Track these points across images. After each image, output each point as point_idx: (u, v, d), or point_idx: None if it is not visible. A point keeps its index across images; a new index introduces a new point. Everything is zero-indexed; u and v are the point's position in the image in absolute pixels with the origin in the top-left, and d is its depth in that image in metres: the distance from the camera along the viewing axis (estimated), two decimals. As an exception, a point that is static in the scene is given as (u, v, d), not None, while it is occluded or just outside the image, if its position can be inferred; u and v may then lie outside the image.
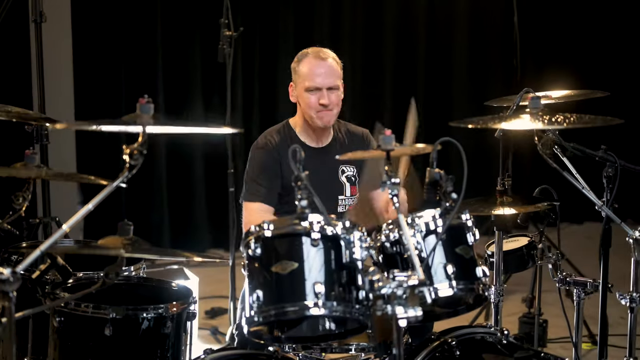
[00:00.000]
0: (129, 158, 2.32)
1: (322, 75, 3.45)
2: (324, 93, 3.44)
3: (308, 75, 3.46)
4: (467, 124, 2.66)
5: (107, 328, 2.72)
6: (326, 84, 3.45)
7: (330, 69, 3.48)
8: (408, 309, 2.19)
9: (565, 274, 3.37)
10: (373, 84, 7.43)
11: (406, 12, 7.45)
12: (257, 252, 2.46)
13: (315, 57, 3.50)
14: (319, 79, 3.45)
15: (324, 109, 3.45)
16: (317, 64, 3.47)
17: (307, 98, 3.46)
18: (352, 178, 3.57)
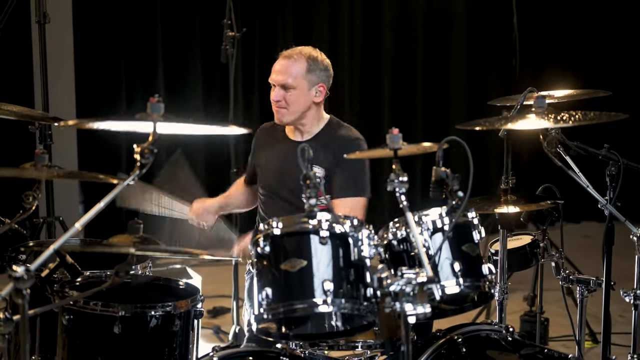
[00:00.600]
0: (139, 157, 2.34)
1: (276, 72, 3.51)
2: (274, 89, 3.50)
3: (272, 71, 3.54)
4: (474, 126, 2.68)
5: (116, 326, 2.74)
6: (277, 81, 3.49)
7: (286, 67, 3.49)
8: (417, 306, 2.22)
9: (568, 272, 3.40)
10: (371, 83, 7.44)
11: (405, 12, 7.47)
12: (266, 250, 2.48)
13: (282, 55, 3.55)
14: (273, 75, 3.52)
15: (276, 105, 3.50)
16: (278, 62, 3.53)
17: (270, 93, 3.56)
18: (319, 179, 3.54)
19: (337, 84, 7.13)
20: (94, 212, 2.36)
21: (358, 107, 7.38)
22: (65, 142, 6.10)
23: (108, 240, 2.57)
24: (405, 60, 7.53)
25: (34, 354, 3.16)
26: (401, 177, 2.40)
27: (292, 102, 3.50)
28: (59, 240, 2.28)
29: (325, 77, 3.58)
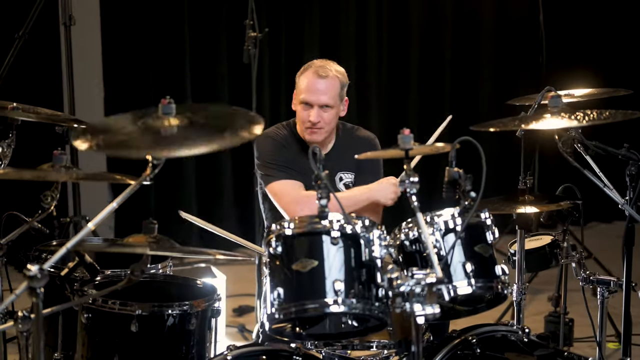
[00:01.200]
0: (151, 157, 2.36)
1: (317, 93, 3.44)
2: (314, 110, 3.44)
3: (304, 90, 3.47)
4: (488, 128, 2.68)
5: (134, 324, 2.79)
6: (319, 102, 3.45)
7: (326, 88, 3.46)
8: (426, 306, 2.23)
9: (589, 272, 3.38)
10: (399, 82, 7.43)
11: (432, 10, 7.44)
12: (278, 250, 2.49)
13: (314, 73, 3.48)
14: (313, 95, 3.44)
15: (312, 126, 3.46)
16: (315, 81, 3.46)
17: (299, 111, 3.49)
18: (349, 184, 3.57)
19: (364, 83, 7.17)
20: (106, 212, 2.40)
21: (385, 107, 7.37)
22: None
23: (124, 240, 2.61)
24: (433, 59, 7.51)
25: (57, 351, 3.22)
26: (412, 177, 2.41)
27: (329, 121, 3.50)
28: (73, 240, 2.32)
29: (346, 90, 3.60)
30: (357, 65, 7.20)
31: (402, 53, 7.41)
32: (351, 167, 3.55)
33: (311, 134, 3.48)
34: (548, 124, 2.65)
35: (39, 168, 2.70)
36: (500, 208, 3.04)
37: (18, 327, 2.28)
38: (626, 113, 2.57)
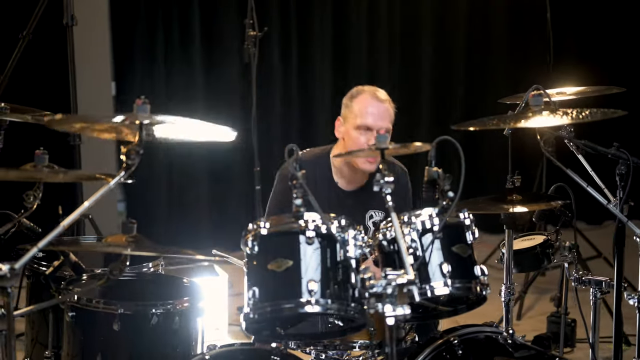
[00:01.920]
0: (125, 158, 2.37)
1: (377, 116, 3.32)
2: (374, 134, 3.22)
3: (362, 113, 3.32)
4: (468, 127, 2.66)
5: (116, 323, 2.80)
6: (379, 126, 3.30)
7: (385, 112, 3.35)
8: (397, 307, 2.21)
9: (581, 272, 3.33)
10: (411, 83, 7.39)
11: (444, 10, 7.40)
12: (255, 250, 2.50)
13: (372, 96, 3.37)
14: (373, 119, 3.31)
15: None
16: (373, 104, 3.34)
17: (355, 136, 3.32)
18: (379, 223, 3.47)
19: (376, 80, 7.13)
20: (79, 212, 2.41)
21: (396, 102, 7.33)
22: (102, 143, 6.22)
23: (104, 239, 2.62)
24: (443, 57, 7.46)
25: (47, 349, 3.24)
26: (387, 177, 2.39)
27: None
28: (45, 239, 2.34)
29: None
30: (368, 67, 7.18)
31: (413, 55, 7.36)
32: (381, 206, 3.31)
33: (371, 162, 3.29)
34: (529, 123, 2.62)
35: (21, 168, 2.71)
36: (486, 208, 3.01)
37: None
38: (606, 111, 2.53)
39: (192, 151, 6.59)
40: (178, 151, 6.56)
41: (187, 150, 6.57)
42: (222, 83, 6.67)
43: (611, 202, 3.09)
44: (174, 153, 6.58)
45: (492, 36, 7.53)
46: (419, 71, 7.39)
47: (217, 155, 6.50)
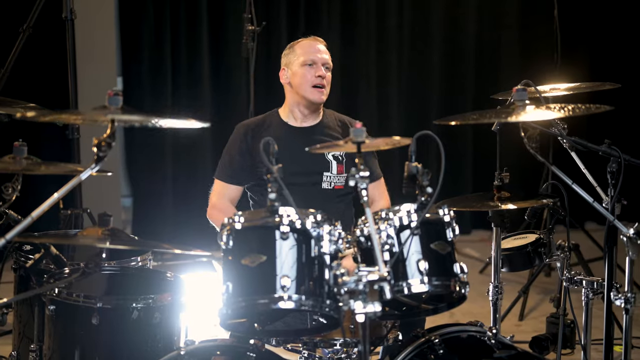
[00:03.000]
0: (96, 149, 2.35)
1: (320, 52, 3.62)
2: (319, 67, 3.58)
3: (305, 52, 3.61)
4: (449, 122, 2.61)
5: (95, 317, 2.78)
6: (323, 60, 3.60)
7: (325, 50, 3.66)
8: (367, 304, 2.17)
9: (573, 272, 3.27)
10: (420, 77, 7.33)
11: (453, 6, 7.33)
12: (230, 245, 2.47)
13: (311, 39, 3.69)
14: (317, 54, 3.60)
15: (319, 83, 3.56)
16: (313, 43, 3.66)
17: (303, 73, 3.58)
18: (339, 157, 3.63)
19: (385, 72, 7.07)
20: (48, 204, 2.39)
21: (405, 97, 7.28)
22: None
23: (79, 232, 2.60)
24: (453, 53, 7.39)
25: (32, 342, 3.23)
26: (362, 172, 2.35)
27: (329, 83, 3.65)
28: (13, 231, 2.32)
29: None
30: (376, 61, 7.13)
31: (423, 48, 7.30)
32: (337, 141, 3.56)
33: (317, 92, 3.58)
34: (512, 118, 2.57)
35: (1, 160, 2.70)
36: (472, 205, 2.95)
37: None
38: (590, 107, 2.48)
39: (199, 146, 6.58)
40: (184, 146, 6.55)
41: (194, 145, 6.56)
42: (229, 77, 6.65)
43: (603, 201, 3.04)
44: (180, 148, 6.57)
45: (500, 33, 7.46)
46: (428, 67, 7.33)
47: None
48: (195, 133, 6.30)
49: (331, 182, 3.59)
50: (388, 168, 6.67)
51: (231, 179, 3.66)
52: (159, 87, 6.46)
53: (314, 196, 3.51)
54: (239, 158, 3.63)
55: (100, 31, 6.10)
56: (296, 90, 3.61)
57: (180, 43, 6.55)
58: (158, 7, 6.44)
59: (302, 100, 3.62)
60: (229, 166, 3.66)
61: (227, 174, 3.67)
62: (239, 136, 3.67)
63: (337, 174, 3.60)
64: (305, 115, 3.67)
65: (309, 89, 3.58)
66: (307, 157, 3.37)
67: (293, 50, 3.65)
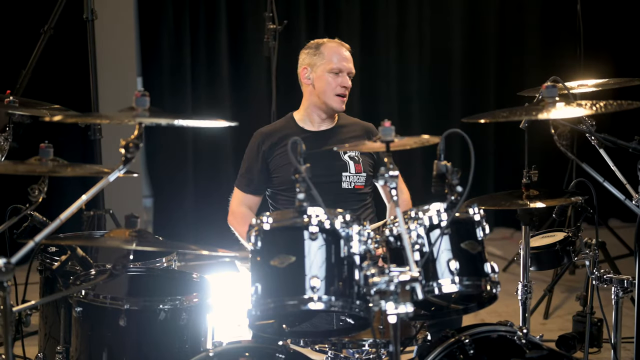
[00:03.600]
0: (124, 150, 2.34)
1: (347, 61, 3.61)
2: (345, 77, 3.59)
3: (334, 59, 3.59)
4: (478, 119, 2.58)
5: (122, 319, 2.76)
6: (348, 69, 3.61)
7: (350, 57, 3.65)
8: (399, 305, 2.15)
9: (603, 271, 3.23)
10: (441, 73, 7.29)
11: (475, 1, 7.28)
12: (258, 246, 2.45)
13: (338, 44, 3.66)
14: (344, 63, 3.60)
15: (344, 91, 3.58)
16: (341, 50, 3.64)
17: (329, 80, 3.58)
18: (355, 157, 3.64)
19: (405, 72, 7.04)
20: (77, 206, 2.38)
21: (426, 96, 7.24)
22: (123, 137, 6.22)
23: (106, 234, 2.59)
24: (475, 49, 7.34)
25: (59, 344, 3.23)
26: (392, 171, 2.33)
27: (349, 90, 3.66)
28: (42, 233, 2.31)
29: None
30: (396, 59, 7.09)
31: (443, 44, 7.25)
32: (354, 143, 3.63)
33: (342, 102, 3.61)
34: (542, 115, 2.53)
35: (27, 162, 2.69)
36: (500, 203, 2.92)
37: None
38: (622, 104, 2.44)
39: (220, 147, 6.57)
40: (205, 147, 6.54)
41: (215, 146, 6.55)
42: (249, 76, 6.63)
43: (633, 198, 3.00)
44: (201, 149, 6.56)
45: (523, 29, 7.40)
46: (449, 63, 7.28)
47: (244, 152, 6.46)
48: (216, 132, 6.30)
49: (351, 181, 3.59)
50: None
51: (248, 189, 3.68)
52: (178, 86, 6.44)
53: (336, 196, 3.52)
54: (255, 166, 3.65)
55: (120, 31, 6.09)
56: (318, 94, 3.62)
57: (200, 43, 6.54)
58: (177, 7, 6.42)
59: (322, 105, 3.63)
60: (246, 175, 3.69)
61: (244, 183, 3.69)
62: (255, 144, 3.68)
63: (356, 173, 3.60)
64: (322, 119, 3.68)
65: (332, 97, 3.59)
66: (325, 160, 3.51)
67: (320, 53, 3.62)
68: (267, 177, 3.63)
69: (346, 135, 3.67)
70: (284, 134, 3.64)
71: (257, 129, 3.75)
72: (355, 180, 3.59)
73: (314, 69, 3.62)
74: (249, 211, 3.66)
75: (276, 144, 3.62)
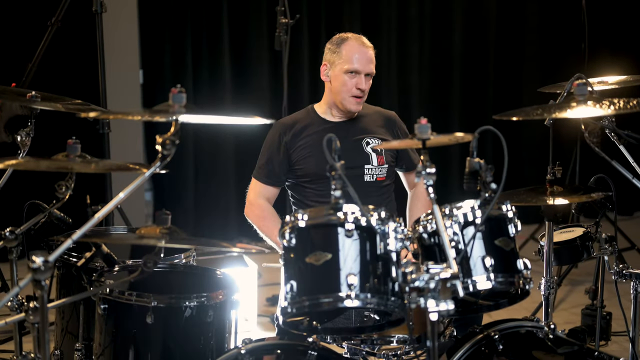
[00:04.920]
0: (161, 148, 2.33)
1: (364, 61, 3.53)
2: (362, 78, 3.52)
3: (350, 59, 3.52)
4: (510, 117, 2.58)
5: (149, 316, 2.75)
6: (366, 70, 3.53)
7: (370, 57, 3.56)
8: (440, 302, 2.15)
9: (622, 265, 3.25)
10: (442, 68, 7.30)
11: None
12: (292, 243, 2.44)
13: (359, 43, 3.57)
14: (360, 63, 3.52)
15: (359, 93, 3.53)
16: (361, 50, 3.54)
17: (344, 80, 3.53)
18: (377, 149, 3.62)
19: (406, 69, 7.05)
20: (114, 203, 2.36)
21: (427, 94, 7.25)
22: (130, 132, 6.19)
23: (137, 231, 2.57)
24: (476, 45, 7.37)
25: (78, 341, 3.21)
26: (429, 168, 2.33)
27: (368, 90, 3.61)
28: (80, 231, 2.30)
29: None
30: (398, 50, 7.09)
31: (444, 38, 7.28)
32: (376, 132, 3.65)
33: (355, 102, 3.55)
34: (573, 113, 2.54)
35: (54, 158, 2.66)
36: (526, 199, 2.93)
37: (29, 318, 2.26)
38: (656, 101, 2.44)
39: (220, 142, 6.56)
40: (206, 142, 6.52)
41: (215, 141, 6.53)
42: (251, 70, 6.62)
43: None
44: (201, 144, 6.54)
45: (526, 24, 7.42)
46: (450, 59, 7.30)
47: (245, 145, 6.47)
48: (217, 126, 6.27)
49: (373, 174, 3.57)
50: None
51: (268, 179, 3.64)
52: (179, 80, 6.40)
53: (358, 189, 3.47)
54: (276, 158, 3.61)
55: (122, 24, 6.05)
56: (334, 93, 3.59)
57: (202, 36, 6.52)
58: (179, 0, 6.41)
59: (339, 104, 3.59)
60: (266, 166, 3.64)
61: (264, 174, 3.64)
62: (277, 135, 3.64)
63: (378, 165, 3.58)
64: (342, 114, 3.65)
65: (347, 97, 3.55)
66: (348, 151, 3.40)
67: (339, 51, 3.56)
68: (287, 169, 3.60)
69: (368, 125, 3.65)
70: (305, 124, 3.63)
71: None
72: (377, 173, 3.58)
73: (333, 67, 3.58)
74: (267, 203, 3.64)
75: (298, 135, 3.60)
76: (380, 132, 3.66)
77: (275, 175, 3.62)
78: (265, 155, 3.64)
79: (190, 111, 2.35)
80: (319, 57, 6.64)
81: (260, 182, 3.65)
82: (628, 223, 7.07)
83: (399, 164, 3.70)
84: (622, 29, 7.45)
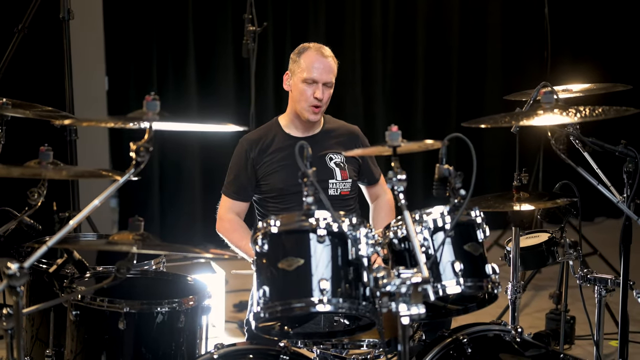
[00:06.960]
0: (135, 155, 2.34)
1: (322, 71, 3.54)
2: (319, 87, 3.53)
3: (308, 68, 3.53)
4: (479, 124, 2.64)
5: (121, 322, 2.76)
6: (323, 79, 3.54)
7: (329, 67, 3.57)
8: (411, 306, 2.19)
9: (586, 270, 3.33)
10: (405, 78, 7.37)
11: (439, 5, 7.38)
12: (265, 248, 2.47)
13: (317, 52, 3.58)
14: (318, 73, 3.53)
15: (317, 102, 3.54)
16: (319, 59, 3.56)
17: (303, 89, 3.54)
18: (340, 164, 3.65)
19: (370, 78, 7.11)
20: (88, 210, 2.37)
21: (390, 102, 7.32)
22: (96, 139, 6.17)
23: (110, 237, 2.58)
24: (439, 54, 7.45)
25: (48, 347, 3.21)
26: (399, 175, 2.37)
27: (328, 100, 3.61)
28: (55, 238, 2.30)
29: None
30: (362, 59, 7.15)
31: (408, 47, 7.35)
32: (339, 148, 3.67)
33: (315, 112, 3.56)
34: (540, 121, 2.60)
35: (26, 165, 2.66)
36: (494, 205, 2.99)
37: (2, 324, 2.25)
38: (619, 109, 2.52)
39: (186, 147, 6.56)
40: (171, 148, 6.52)
41: (181, 146, 6.53)
42: (216, 77, 6.63)
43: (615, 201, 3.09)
44: (166, 150, 6.53)
45: (488, 31, 7.53)
46: (413, 67, 7.38)
47: (211, 152, 6.48)
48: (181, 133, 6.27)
49: (337, 188, 3.60)
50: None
51: (237, 195, 3.66)
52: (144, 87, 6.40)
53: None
54: (243, 174, 3.63)
55: (88, 31, 6.03)
56: (294, 102, 3.61)
57: (168, 44, 6.52)
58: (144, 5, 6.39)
59: (299, 113, 3.60)
60: (235, 182, 3.66)
61: (233, 190, 3.67)
62: (243, 151, 3.66)
63: (342, 180, 3.61)
64: (305, 126, 3.66)
65: (306, 107, 3.56)
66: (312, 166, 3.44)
67: (299, 60, 3.58)
68: (255, 184, 3.63)
69: (332, 141, 3.68)
70: (270, 140, 3.64)
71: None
72: (341, 187, 3.60)
73: (293, 76, 3.59)
74: (237, 217, 3.66)
75: (264, 151, 3.62)
76: (342, 147, 3.68)
77: (244, 191, 3.65)
78: (234, 171, 3.67)
79: (164, 119, 2.36)
80: (284, 66, 6.76)
81: (230, 198, 3.67)
82: (590, 228, 7.20)
83: (360, 178, 3.74)
84: (584, 37, 7.60)
